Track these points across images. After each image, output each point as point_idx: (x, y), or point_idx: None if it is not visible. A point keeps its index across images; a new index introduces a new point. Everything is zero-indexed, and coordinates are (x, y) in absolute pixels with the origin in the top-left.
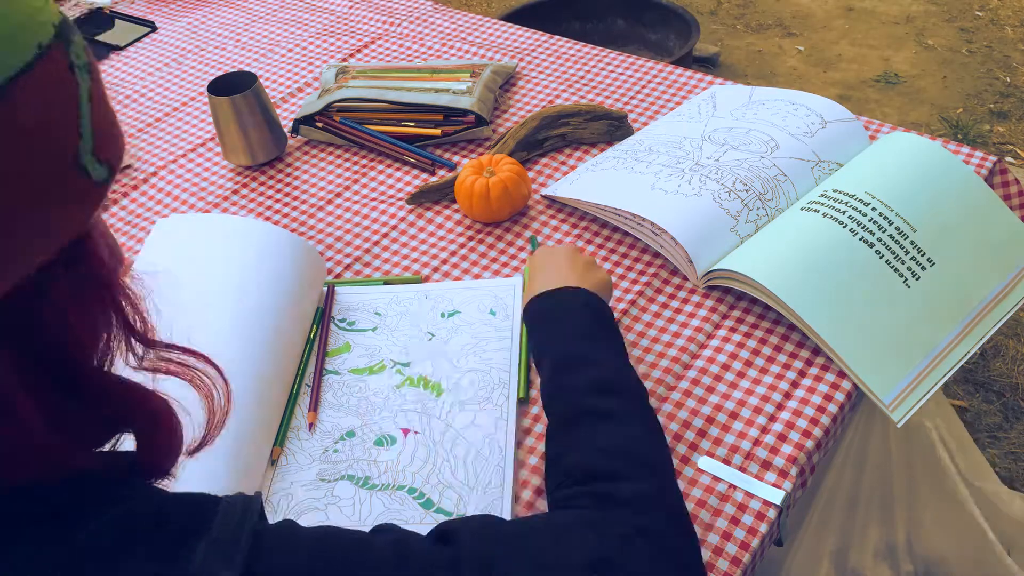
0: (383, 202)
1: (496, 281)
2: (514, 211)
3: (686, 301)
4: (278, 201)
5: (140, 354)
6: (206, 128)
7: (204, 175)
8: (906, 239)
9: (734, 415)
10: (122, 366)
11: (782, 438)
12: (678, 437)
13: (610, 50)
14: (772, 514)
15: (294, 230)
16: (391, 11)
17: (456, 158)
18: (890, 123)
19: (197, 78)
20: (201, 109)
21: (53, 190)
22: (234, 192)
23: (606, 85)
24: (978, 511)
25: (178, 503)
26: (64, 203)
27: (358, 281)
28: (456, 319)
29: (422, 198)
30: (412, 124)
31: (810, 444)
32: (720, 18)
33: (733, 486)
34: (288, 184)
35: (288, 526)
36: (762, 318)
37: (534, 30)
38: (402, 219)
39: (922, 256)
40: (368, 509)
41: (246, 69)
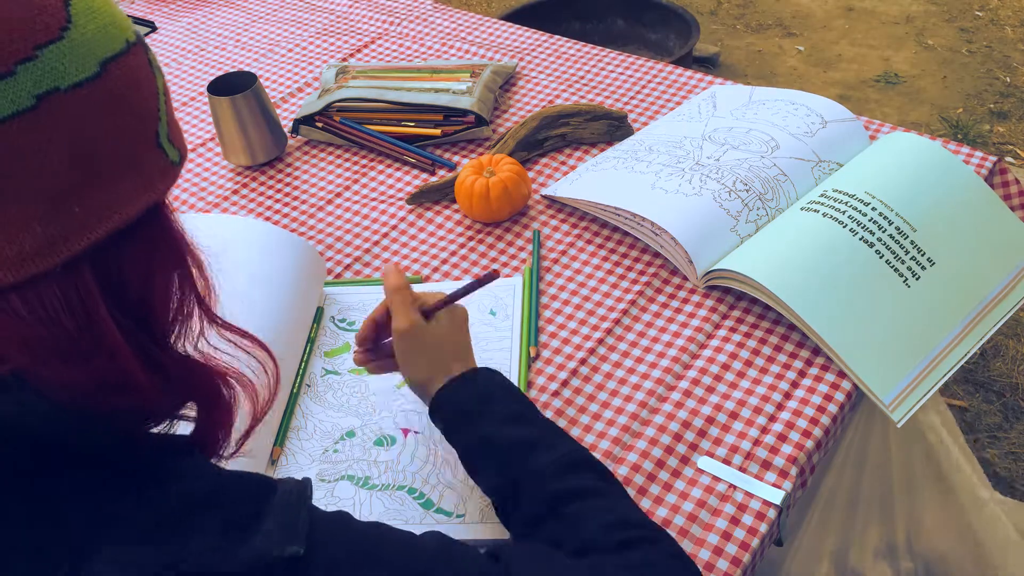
0: (383, 202)
1: (496, 281)
2: (514, 211)
3: (686, 301)
4: (278, 201)
5: (204, 330)
6: (206, 128)
7: (204, 175)
8: (906, 239)
9: (734, 415)
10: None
11: (782, 438)
12: (678, 437)
13: (610, 50)
14: (772, 514)
15: (294, 230)
16: (391, 11)
17: (456, 158)
18: (890, 123)
19: (197, 78)
20: (201, 109)
21: (140, 157)
22: (234, 192)
23: (606, 85)
24: (979, 509)
25: (239, 481)
26: (147, 172)
27: (358, 281)
28: None
29: (422, 198)
30: (412, 124)
31: (810, 444)
32: (720, 18)
33: (733, 486)
34: (288, 184)
35: (344, 515)
36: (762, 318)
37: (534, 30)
38: (402, 219)
39: (922, 256)
40: (368, 509)
41: (246, 69)
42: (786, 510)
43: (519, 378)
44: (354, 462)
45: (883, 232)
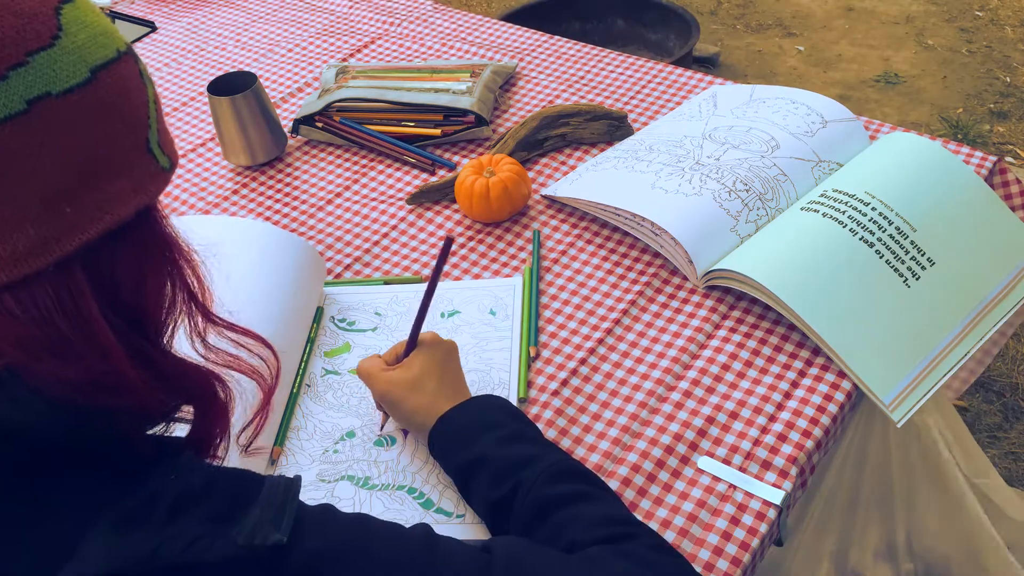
0: (383, 202)
1: (496, 281)
2: (514, 211)
3: (686, 301)
4: (278, 201)
5: (202, 329)
6: (206, 128)
7: (204, 175)
8: (906, 239)
9: (734, 415)
10: (187, 350)
11: (782, 438)
12: (678, 437)
13: (610, 50)
14: (772, 514)
15: (294, 230)
16: (391, 11)
17: (456, 158)
18: (890, 123)
19: (197, 78)
20: (201, 109)
21: (131, 161)
22: (234, 192)
23: (606, 85)
24: (980, 508)
25: (228, 476)
26: (138, 175)
27: (358, 281)
28: (456, 319)
29: (422, 198)
30: (412, 124)
31: (810, 444)
32: (720, 18)
33: (733, 486)
34: (288, 184)
35: (328, 508)
36: (762, 318)
37: (534, 30)
38: (402, 219)
39: (922, 256)
40: (368, 509)
41: (246, 69)
42: (786, 510)
43: (519, 378)
44: (354, 462)
45: (883, 232)
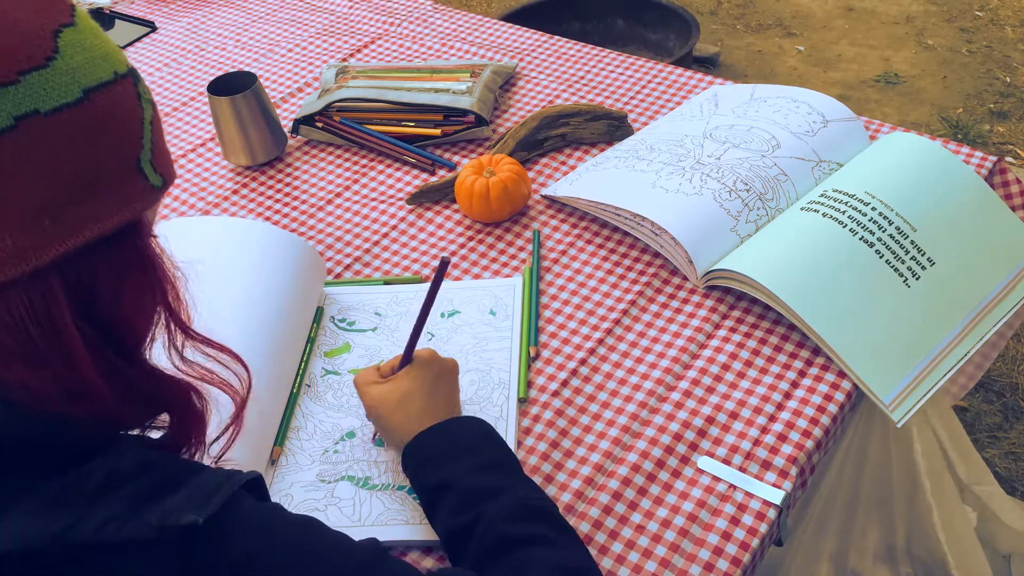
0: (383, 202)
1: (496, 281)
2: (514, 211)
3: (686, 301)
4: (278, 201)
5: (179, 345)
6: (206, 128)
7: (204, 175)
8: (906, 239)
9: (734, 415)
10: (163, 361)
11: (782, 438)
12: (678, 437)
13: (610, 50)
14: (772, 514)
15: (294, 230)
16: (391, 11)
17: (456, 158)
18: (890, 123)
19: (197, 78)
20: (201, 109)
21: (118, 179)
22: (234, 192)
23: (606, 85)
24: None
25: (165, 461)
26: (124, 193)
27: (358, 281)
28: (456, 319)
29: (422, 198)
30: (412, 124)
31: (810, 444)
32: (720, 18)
33: (733, 486)
34: (288, 184)
35: (275, 507)
36: (762, 318)
37: (534, 30)
38: (402, 219)
39: (922, 256)
40: (368, 510)
41: (246, 69)
42: (786, 510)
43: (519, 378)
44: (354, 462)
45: (883, 232)
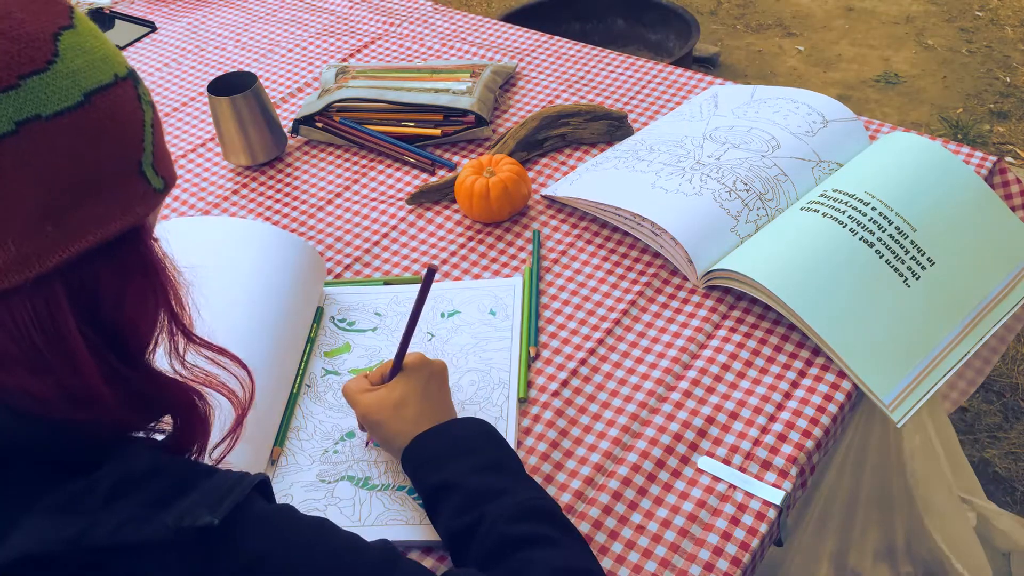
0: (383, 202)
1: (496, 281)
2: (514, 211)
3: (686, 301)
4: (278, 201)
5: (181, 350)
6: (206, 128)
7: (204, 175)
8: (906, 239)
9: (734, 415)
10: (165, 365)
11: (782, 438)
12: (678, 437)
13: (610, 50)
14: (772, 514)
15: (294, 230)
16: (391, 11)
17: (456, 158)
18: (890, 123)
19: (197, 78)
20: (201, 109)
21: (119, 183)
22: (234, 192)
23: (606, 85)
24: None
25: (175, 464)
26: (125, 197)
27: (358, 281)
28: (456, 319)
29: (422, 198)
30: (412, 124)
31: (810, 444)
32: (720, 18)
33: (733, 486)
34: (288, 184)
35: (287, 508)
36: (762, 318)
37: (534, 30)
38: (402, 219)
39: (922, 256)
40: (368, 510)
41: (246, 69)
42: (786, 510)
43: (519, 378)
44: (354, 462)
45: (883, 232)
